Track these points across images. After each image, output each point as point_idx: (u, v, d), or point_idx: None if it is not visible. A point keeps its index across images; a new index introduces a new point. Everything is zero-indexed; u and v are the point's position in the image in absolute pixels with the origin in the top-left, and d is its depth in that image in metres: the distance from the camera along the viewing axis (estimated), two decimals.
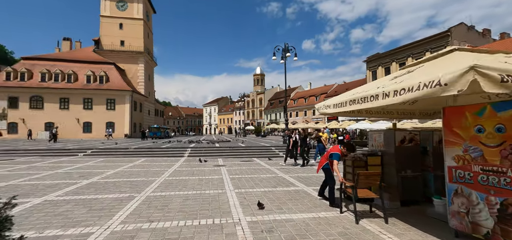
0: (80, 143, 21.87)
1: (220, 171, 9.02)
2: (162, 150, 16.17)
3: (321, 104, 5.12)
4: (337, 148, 4.96)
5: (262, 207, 4.57)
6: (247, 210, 4.46)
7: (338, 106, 4.58)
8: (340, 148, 4.96)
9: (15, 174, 8.17)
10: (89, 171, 8.93)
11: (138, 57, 45.88)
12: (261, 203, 4.66)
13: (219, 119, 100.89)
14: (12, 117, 34.82)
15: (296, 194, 5.72)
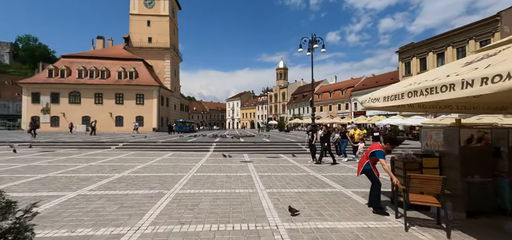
0: (112, 136, 23.02)
1: (248, 168, 8.70)
2: (188, 144, 16.32)
3: (367, 97, 4.48)
4: (378, 145, 4.35)
5: (295, 212, 4.08)
6: (283, 215, 4.03)
7: (391, 99, 3.92)
8: (380, 145, 4.35)
9: (54, 165, 8.55)
10: (120, 164, 9.11)
11: (164, 53, 47.28)
12: (293, 208, 4.16)
13: (241, 113, 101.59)
14: (54, 111, 37.79)
15: (335, 197, 5.17)
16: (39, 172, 7.36)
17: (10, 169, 7.64)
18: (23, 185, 5.75)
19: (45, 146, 15.06)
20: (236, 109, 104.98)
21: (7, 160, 9.55)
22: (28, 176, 6.69)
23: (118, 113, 39.36)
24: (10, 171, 7.45)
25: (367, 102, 4.40)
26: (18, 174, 6.95)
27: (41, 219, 3.68)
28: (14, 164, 8.60)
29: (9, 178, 6.42)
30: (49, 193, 5.08)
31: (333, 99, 55.55)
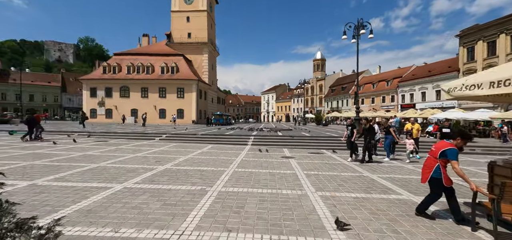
0: (156, 128, 24.41)
1: (290, 165, 8.08)
2: (227, 137, 16.29)
3: (457, 84, 3.47)
4: (447, 143, 3.38)
5: (345, 227, 3.29)
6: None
7: (497, 85, 2.91)
8: (449, 142, 3.37)
9: (105, 155, 9.02)
10: (163, 156, 9.26)
11: (202, 48, 48.63)
12: (341, 221, 3.35)
13: (276, 106, 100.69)
14: (108, 104, 41.79)
15: (406, 207, 4.26)
16: (92, 161, 7.76)
17: (69, 158, 8.23)
18: (77, 174, 5.99)
19: (99, 136, 16.45)
20: (271, 102, 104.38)
21: (68, 149, 10.44)
22: (82, 165, 7.06)
23: (161, 106, 41.89)
24: (69, 159, 8.00)
25: (459, 90, 3.39)
26: (75, 163, 7.40)
27: (89, 213, 3.59)
28: (73, 153, 9.31)
29: (67, 167, 6.82)
30: (98, 184, 5.14)
31: (377, 91, 51.28)
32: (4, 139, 13.30)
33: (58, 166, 6.91)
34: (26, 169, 6.36)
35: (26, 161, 7.40)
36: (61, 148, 10.50)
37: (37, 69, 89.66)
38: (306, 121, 50.14)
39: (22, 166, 6.68)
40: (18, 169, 6.34)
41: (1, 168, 6.34)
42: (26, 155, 8.58)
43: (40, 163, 7.23)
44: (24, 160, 7.63)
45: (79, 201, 4.09)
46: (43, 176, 5.66)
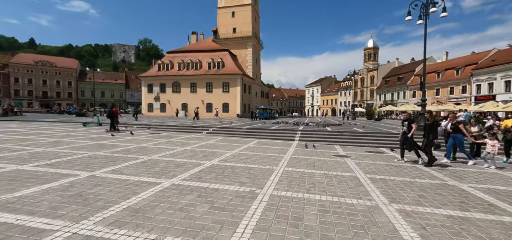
0: (204, 121, 25.33)
1: (348, 165, 7.06)
2: (272, 132, 15.74)
3: None
4: None
5: None
6: None
7: None
8: None
9: (157, 148, 9.34)
10: (210, 150, 9.16)
11: (246, 42, 48.88)
12: None
13: (322, 100, 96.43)
14: (162, 99, 45.41)
15: None
16: (145, 153, 8.04)
17: (126, 149, 8.72)
18: (131, 167, 6.13)
19: (154, 129, 17.65)
20: (316, 95, 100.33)
21: (127, 141, 11.24)
22: (136, 157, 7.32)
23: (208, 101, 43.68)
24: (126, 151, 8.46)
25: None
26: (130, 155, 7.74)
27: (136, 213, 3.39)
28: (130, 145, 9.91)
29: (123, 159, 7.13)
30: (148, 179, 5.08)
31: (443, 81, 44.39)
32: (78, 130, 15.21)
33: (116, 157, 7.28)
34: (90, 160, 6.82)
35: (91, 152, 8.04)
36: (121, 140, 11.36)
37: (107, 69, 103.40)
38: (355, 115, 46.45)
39: (87, 157, 7.22)
40: (83, 160, 6.83)
41: (69, 158, 6.92)
42: (93, 145, 9.42)
43: (101, 153, 7.76)
44: (90, 150, 8.32)
45: (129, 197, 3.98)
46: (102, 168, 5.92)
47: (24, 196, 3.85)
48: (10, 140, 10.15)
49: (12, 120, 21.61)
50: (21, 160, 6.45)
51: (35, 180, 4.73)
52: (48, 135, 12.07)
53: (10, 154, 7.13)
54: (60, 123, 20.37)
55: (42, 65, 65.06)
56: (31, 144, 9.20)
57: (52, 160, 6.52)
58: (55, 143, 9.67)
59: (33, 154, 7.26)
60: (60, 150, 8.07)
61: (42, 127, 16.16)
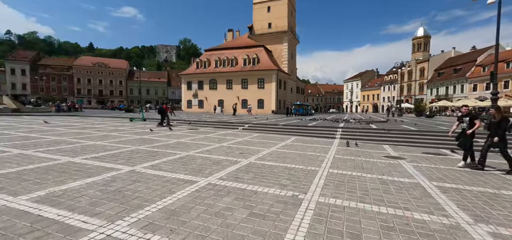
0: (239, 117, 25.43)
1: (404, 169, 6.06)
2: (310, 129, 14.90)
3: None
4: None
5: None
6: None
7: None
8: None
9: (195, 144, 9.36)
10: (247, 147, 8.85)
11: (282, 37, 47.91)
12: None
13: (362, 95, 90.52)
14: (200, 96, 47.19)
15: None
16: (183, 149, 8.06)
17: (166, 145, 8.89)
18: (169, 163, 6.09)
19: (193, 124, 18.18)
20: (355, 90, 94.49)
21: (167, 136, 11.59)
22: (175, 153, 7.33)
23: (243, 97, 44.02)
24: (165, 146, 8.61)
25: None
26: (169, 150, 7.82)
27: (171, 216, 3.14)
28: (169, 140, 10.14)
29: (162, 154, 7.20)
30: (185, 176, 4.91)
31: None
32: (126, 125, 16.35)
33: (156, 152, 7.39)
34: (132, 154, 7.02)
35: (134, 146, 8.36)
36: (162, 135, 11.75)
37: (151, 69, 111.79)
38: (402, 111, 42.25)
39: (129, 151, 7.47)
40: (126, 154, 7.06)
41: (114, 152, 7.22)
42: (136, 140, 9.85)
43: (143, 148, 7.99)
44: (133, 144, 8.66)
45: (165, 196, 3.79)
46: (142, 162, 5.98)
47: (69, 190, 3.93)
48: (69, 133, 11.21)
49: (73, 115, 24.40)
50: (74, 152, 6.90)
51: (82, 173, 4.90)
52: (99, 129, 13.13)
53: (66, 147, 7.74)
54: (111, 118, 22.31)
55: (98, 67, 72.93)
56: (84, 137, 9.99)
57: (99, 153, 6.86)
58: (104, 137, 10.37)
59: (85, 147, 7.77)
60: (107, 144, 8.55)
61: (95, 122, 17.81)
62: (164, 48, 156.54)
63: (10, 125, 13.45)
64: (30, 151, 6.87)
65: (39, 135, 10.10)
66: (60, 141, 8.83)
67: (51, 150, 7.11)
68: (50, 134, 10.62)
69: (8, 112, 23.44)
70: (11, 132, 10.64)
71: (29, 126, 13.32)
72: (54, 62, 73.61)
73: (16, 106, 26.04)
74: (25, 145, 7.68)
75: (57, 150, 7.17)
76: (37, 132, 11.02)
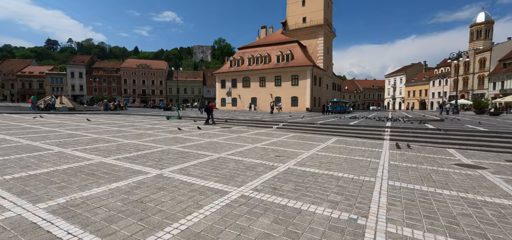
0: (273, 115, 24.60)
1: (492, 183, 4.62)
2: (353, 128, 13.42)
3: None
4: None
5: None
6: None
7: None
8: None
9: (227, 144, 8.83)
10: (283, 149, 8.01)
11: (317, 31, 45.67)
12: None
13: (406, 91, 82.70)
14: (233, 94, 47.50)
15: None
16: (216, 150, 7.54)
17: (197, 145, 8.51)
18: (199, 166, 5.57)
19: (225, 123, 17.92)
20: (399, 86, 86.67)
21: (199, 135, 11.32)
22: (206, 154, 6.84)
23: (276, 94, 43.03)
24: (197, 147, 8.21)
25: None
26: (201, 151, 7.37)
27: (196, 238, 2.48)
28: (202, 140, 9.79)
29: (193, 155, 6.75)
30: (215, 184, 4.28)
31: None
32: (162, 123, 16.73)
33: (187, 153, 6.98)
34: (163, 154, 6.70)
35: (167, 145, 8.12)
36: (195, 134, 11.52)
37: (188, 68, 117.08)
38: (458, 108, 36.99)
39: (161, 151, 7.20)
40: (157, 154, 6.77)
41: (146, 152, 6.99)
42: (169, 139, 9.70)
43: (175, 148, 7.68)
44: (166, 144, 8.44)
45: (190, 212, 3.18)
46: (171, 165, 5.55)
47: (90, 198, 3.55)
48: (109, 131, 11.63)
49: (118, 114, 26.20)
50: (107, 152, 6.83)
51: (109, 176, 4.59)
52: (137, 127, 13.49)
53: (102, 145, 7.79)
54: (150, 116, 23.34)
55: (141, 68, 78.55)
56: (121, 136, 10.17)
57: (131, 153, 6.67)
58: (140, 135, 10.46)
59: (119, 146, 7.74)
60: (141, 143, 8.47)
61: (136, 120, 18.63)
62: (200, 48, 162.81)
63: (63, 123, 14.61)
64: (69, 149, 6.99)
65: (83, 133, 10.58)
66: (99, 139, 9.04)
67: (88, 149, 7.17)
68: (92, 131, 11.10)
69: (65, 111, 26.11)
70: (61, 130, 11.39)
71: (77, 124, 14.30)
72: (105, 65, 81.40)
73: (72, 105, 28.93)
74: (67, 143, 7.93)
75: (93, 149, 7.20)
76: (82, 130, 11.64)
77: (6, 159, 5.58)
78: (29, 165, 5.18)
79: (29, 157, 5.87)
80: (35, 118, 16.71)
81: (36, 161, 5.48)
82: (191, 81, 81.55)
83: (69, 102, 29.89)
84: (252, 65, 45.73)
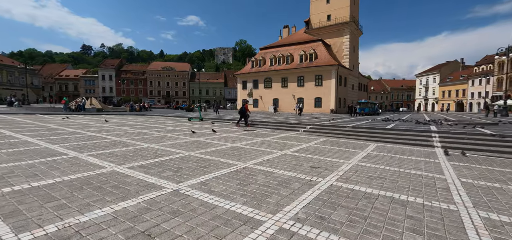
0: (296, 117, 23.36)
1: None
2: (391, 133, 11.87)
3: None
4: None
5: None
6: None
7: None
8: None
9: (252, 150, 7.92)
10: (318, 158, 6.91)
11: (343, 29, 43.47)
12: None
13: (440, 91, 76.52)
14: (255, 95, 46.77)
15: None
16: (240, 158, 6.66)
17: (220, 150, 7.70)
18: (223, 180, 4.69)
19: (249, 125, 17.09)
20: (432, 86, 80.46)
21: (222, 138, 10.54)
22: (229, 164, 5.97)
23: (299, 95, 41.53)
24: (220, 153, 7.40)
25: None
26: (224, 158, 6.53)
27: None
28: (225, 144, 8.98)
29: (215, 165, 5.92)
30: (243, 209, 3.35)
31: None
32: (183, 125, 16.31)
33: (208, 161, 6.17)
34: (182, 162, 5.94)
35: (187, 151, 7.39)
36: (216, 137, 10.78)
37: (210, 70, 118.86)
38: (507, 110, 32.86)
39: (180, 158, 6.46)
40: (175, 162, 6.03)
41: (164, 159, 6.28)
42: (190, 143, 9.01)
43: (195, 154, 6.92)
44: (186, 149, 7.73)
45: None
46: (191, 177, 4.74)
47: (87, 225, 2.79)
48: (130, 133, 11.28)
49: (142, 115, 26.54)
50: (123, 158, 6.23)
51: (117, 192, 3.86)
52: (158, 129, 13.10)
53: (120, 150, 7.26)
54: (173, 117, 23.25)
55: (166, 70, 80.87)
56: (141, 139, 9.69)
57: (148, 160, 6.00)
58: (160, 138, 9.92)
59: (137, 151, 7.15)
60: (160, 148, 7.85)
61: (158, 121, 18.46)
62: (222, 50, 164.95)
63: (87, 124, 14.71)
64: (84, 154, 6.50)
65: (104, 135, 10.29)
66: (118, 143, 8.58)
67: (103, 154, 6.63)
68: (113, 134, 10.80)
69: (93, 112, 27.01)
70: (83, 131, 11.25)
71: (101, 125, 14.28)
72: (132, 68, 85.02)
73: (100, 106, 29.96)
74: (85, 147, 7.51)
75: (109, 154, 6.65)
76: (104, 132, 11.41)
77: (17, 166, 5.13)
78: (36, 173, 4.66)
79: (41, 163, 5.40)
80: (63, 119, 17.13)
81: (45, 169, 4.96)
82: (212, 82, 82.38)
83: (98, 103, 31.02)
84: (274, 65, 44.68)
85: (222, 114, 27.20)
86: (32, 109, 26.30)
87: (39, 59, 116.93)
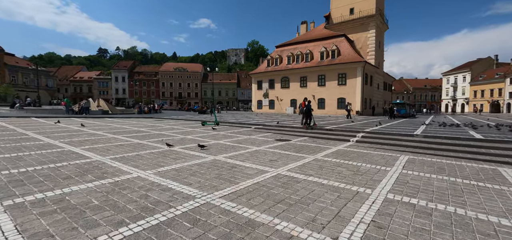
0: (323, 119, 20.01)
1: None
2: (446, 141, 8.41)
3: None
4: None
5: None
6: None
7: None
8: None
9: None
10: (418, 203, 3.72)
11: (368, 23, 39.61)
12: None
13: (472, 91, 70.36)
14: (271, 95, 43.72)
15: None
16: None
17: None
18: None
19: (268, 129, 14.04)
20: (461, 85, 74.34)
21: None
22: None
23: (320, 96, 38.12)
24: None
25: None
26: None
27: None
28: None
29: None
30: None
31: None
32: (197, 131, 13.47)
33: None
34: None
35: (202, 190, 4.44)
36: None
37: (223, 71, 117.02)
38: None
39: (192, 208, 3.49)
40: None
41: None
42: (209, 170, 6.05)
43: (219, 200, 3.93)
44: (201, 188, 4.78)
45: None
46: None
47: None
48: (122, 147, 8.50)
49: (150, 117, 24.09)
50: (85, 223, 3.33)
51: None
52: (162, 140, 10.24)
53: (92, 185, 4.39)
54: (184, 121, 20.59)
55: (178, 71, 79.46)
56: (131, 159, 6.81)
57: (131, 226, 3.07)
58: (160, 157, 7.03)
59: (115, 202, 4.26)
60: (157, 181, 4.92)
61: (165, 127, 15.69)
62: (234, 51, 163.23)
63: (79, 131, 12.18)
64: (19, 199, 3.67)
65: (83, 152, 7.54)
66: (93, 169, 5.75)
67: (46, 212, 3.78)
68: (99, 151, 8.00)
69: (99, 114, 24.90)
70: (59, 144, 8.59)
71: (94, 132, 11.68)
72: (145, 69, 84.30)
73: (107, 108, 27.92)
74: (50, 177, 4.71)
75: (53, 211, 3.78)
76: (91, 143, 8.70)
77: None
78: None
79: None
80: (56, 124, 14.76)
81: None
82: (225, 83, 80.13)
83: (105, 105, 29.05)
84: (291, 63, 41.48)
85: (226, 117, 24.27)
86: (36, 111, 24.49)
87: (58, 62, 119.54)
